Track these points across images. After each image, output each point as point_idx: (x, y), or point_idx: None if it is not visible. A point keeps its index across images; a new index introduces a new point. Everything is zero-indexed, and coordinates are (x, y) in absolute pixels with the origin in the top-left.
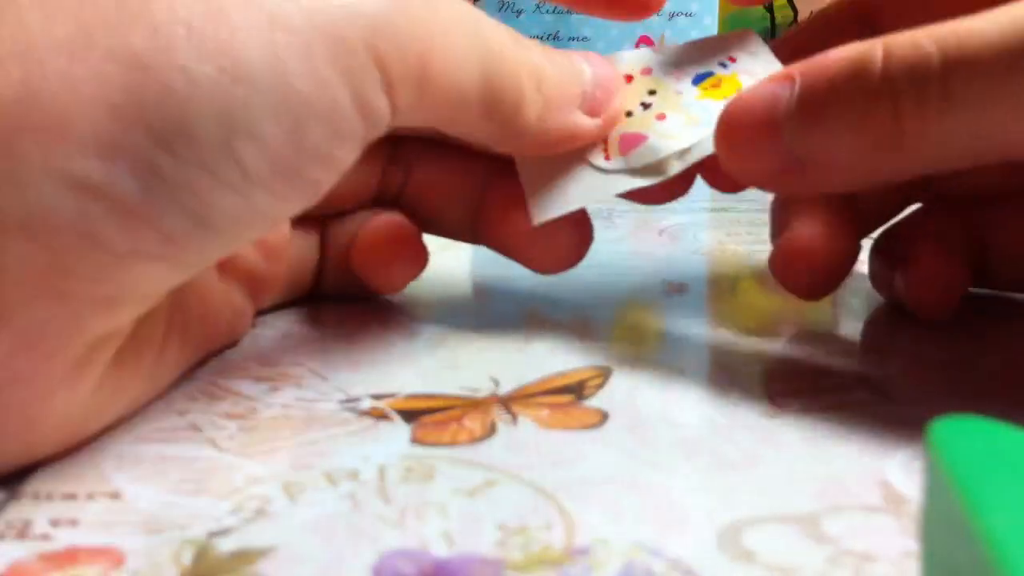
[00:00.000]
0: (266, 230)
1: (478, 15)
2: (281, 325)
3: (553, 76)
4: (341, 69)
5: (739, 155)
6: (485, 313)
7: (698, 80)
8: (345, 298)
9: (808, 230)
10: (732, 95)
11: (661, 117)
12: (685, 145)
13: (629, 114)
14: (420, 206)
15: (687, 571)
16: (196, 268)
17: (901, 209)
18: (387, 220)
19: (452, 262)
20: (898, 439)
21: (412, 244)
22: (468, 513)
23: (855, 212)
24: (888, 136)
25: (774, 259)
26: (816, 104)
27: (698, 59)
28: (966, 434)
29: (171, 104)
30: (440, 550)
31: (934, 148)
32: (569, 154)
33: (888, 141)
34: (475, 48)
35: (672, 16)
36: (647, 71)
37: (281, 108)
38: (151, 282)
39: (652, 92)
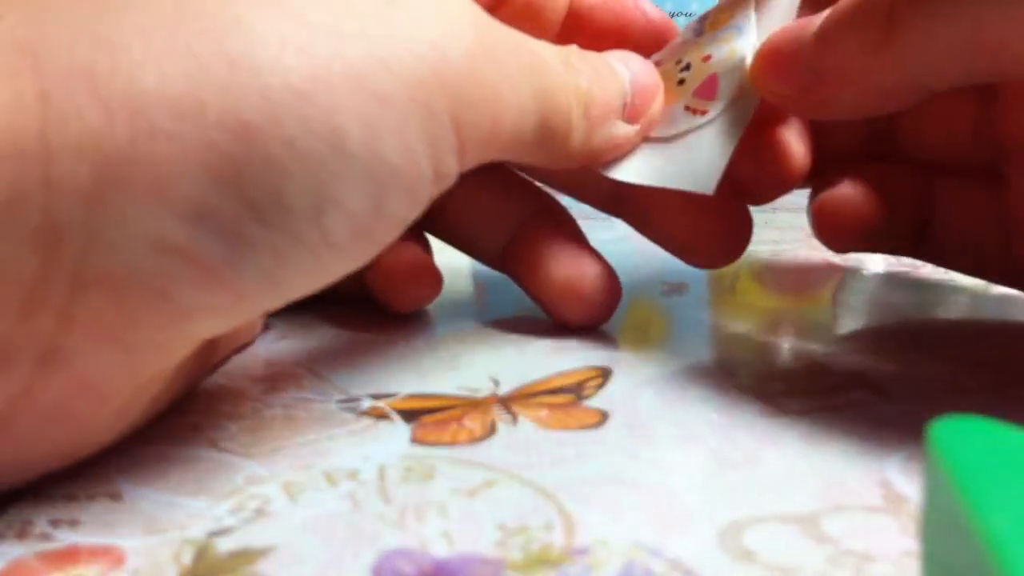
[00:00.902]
0: (324, 285)
1: (531, 49)
2: (281, 325)
3: (599, 98)
4: (428, 140)
5: (771, 77)
6: (485, 313)
7: (697, 29)
8: (345, 298)
9: (847, 187)
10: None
11: (706, 58)
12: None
13: (682, 83)
14: (453, 229)
15: (687, 571)
16: (251, 317)
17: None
18: (408, 250)
19: (452, 262)
20: (898, 439)
21: (429, 275)
22: (468, 513)
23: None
24: (882, 33)
25: (818, 213)
26: (829, 24)
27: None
28: (966, 434)
29: (270, 175)
30: (440, 550)
31: (923, 49)
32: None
33: (882, 39)
34: (535, 93)
35: (672, 16)
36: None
37: (370, 180)
38: (210, 331)
39: (678, 62)
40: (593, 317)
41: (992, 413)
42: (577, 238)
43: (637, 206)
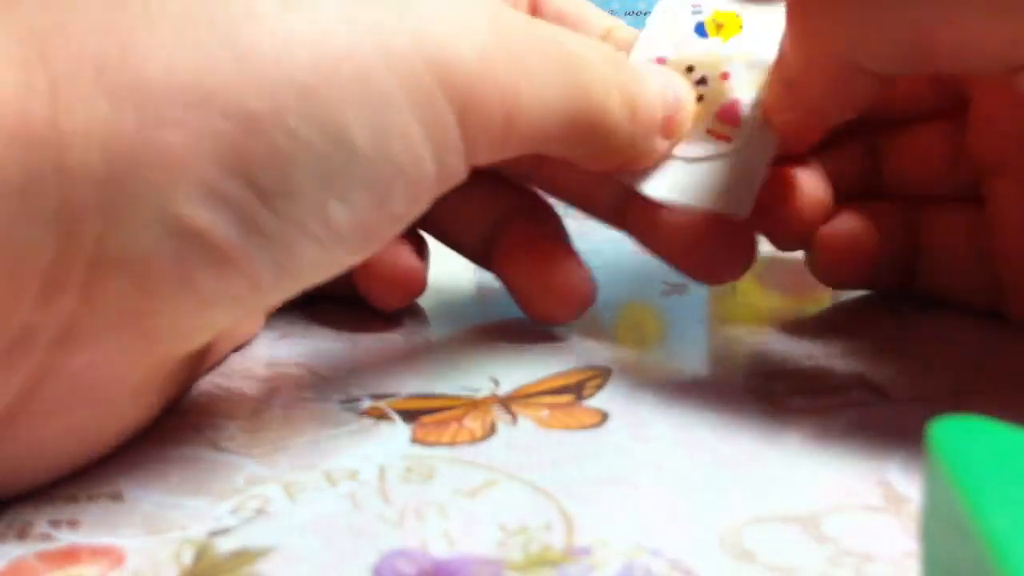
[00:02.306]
0: (331, 276)
1: (563, 43)
2: (281, 325)
3: (644, 103)
4: (433, 141)
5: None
6: (485, 313)
7: (699, 30)
8: (345, 298)
9: (848, 222)
10: (737, 24)
11: (725, 77)
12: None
13: (700, 98)
14: (436, 223)
15: (687, 571)
16: (264, 308)
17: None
18: (394, 250)
19: (452, 262)
20: (898, 439)
21: (414, 276)
22: (468, 513)
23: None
24: (831, 29)
25: (822, 247)
26: (789, 30)
27: (677, 18)
28: (966, 434)
29: (276, 163)
30: (440, 550)
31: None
32: None
33: (832, 34)
34: (566, 88)
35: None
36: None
37: (374, 176)
38: (225, 321)
39: (689, 68)
40: (563, 317)
41: (992, 413)
42: (556, 237)
43: (643, 220)
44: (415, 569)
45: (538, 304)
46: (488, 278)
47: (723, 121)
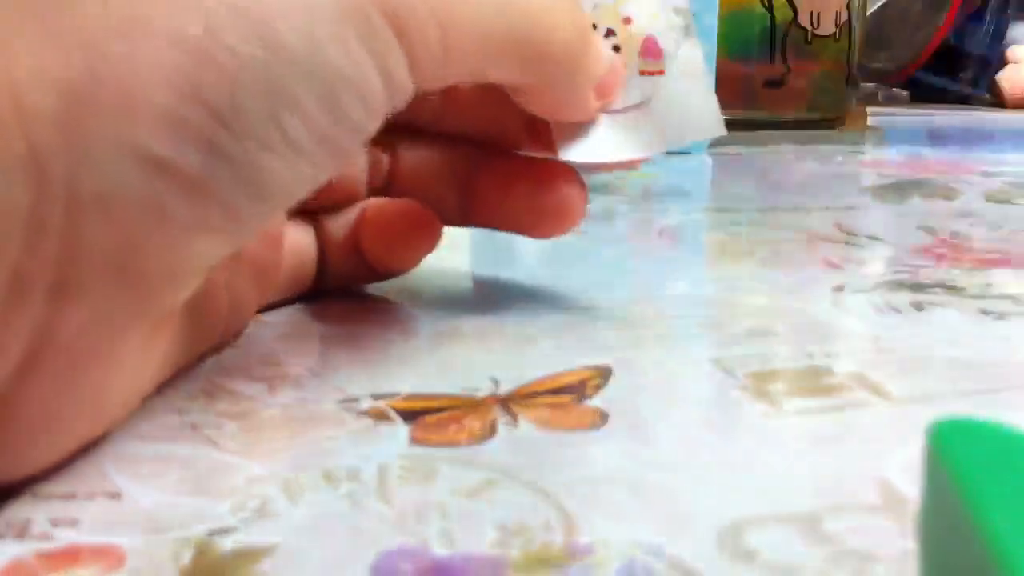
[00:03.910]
0: (303, 196)
1: None
2: (281, 324)
3: (596, 43)
4: (370, 48)
5: None
6: (485, 313)
7: None
8: (344, 297)
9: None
10: None
11: (627, 21)
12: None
13: (617, 49)
14: (410, 192)
15: (687, 571)
16: (247, 238)
17: None
18: (391, 200)
19: (452, 262)
20: (898, 439)
21: (423, 216)
22: (468, 513)
23: None
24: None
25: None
26: None
27: None
28: (966, 434)
29: (223, 82)
30: (440, 550)
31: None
32: None
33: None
34: (505, 4)
35: None
36: None
37: (318, 83)
38: (210, 254)
39: (593, 27)
40: (568, 224)
41: (992, 413)
42: (531, 161)
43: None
44: (415, 569)
45: (539, 227)
46: (488, 277)
47: (649, 58)
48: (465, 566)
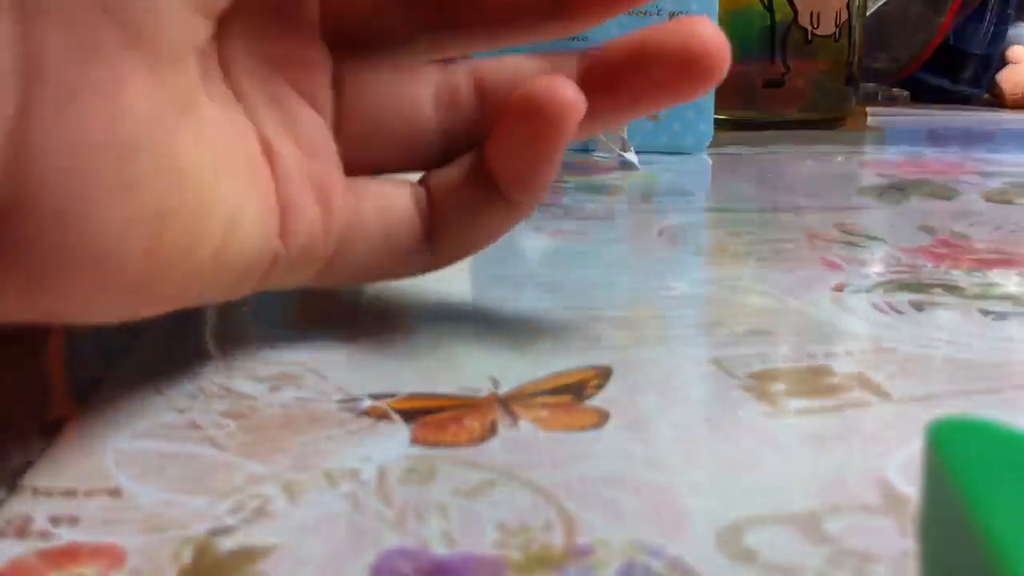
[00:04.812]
0: None
1: None
2: (281, 324)
3: None
4: None
5: None
6: (485, 313)
7: None
8: (344, 297)
9: None
10: None
11: None
12: None
13: None
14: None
15: (687, 571)
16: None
17: None
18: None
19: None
20: (898, 439)
21: (546, 108)
22: (468, 513)
23: None
24: None
25: None
26: None
27: None
28: (966, 434)
29: None
30: (440, 550)
31: None
32: None
33: None
34: None
35: (672, 15)
36: None
37: None
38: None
39: None
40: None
41: (992, 413)
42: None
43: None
44: (415, 569)
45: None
46: (488, 277)
47: None
48: (465, 566)
